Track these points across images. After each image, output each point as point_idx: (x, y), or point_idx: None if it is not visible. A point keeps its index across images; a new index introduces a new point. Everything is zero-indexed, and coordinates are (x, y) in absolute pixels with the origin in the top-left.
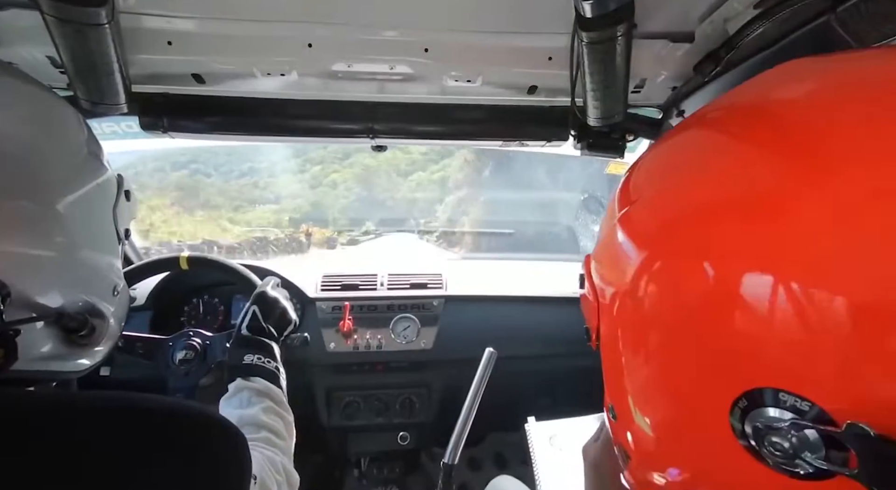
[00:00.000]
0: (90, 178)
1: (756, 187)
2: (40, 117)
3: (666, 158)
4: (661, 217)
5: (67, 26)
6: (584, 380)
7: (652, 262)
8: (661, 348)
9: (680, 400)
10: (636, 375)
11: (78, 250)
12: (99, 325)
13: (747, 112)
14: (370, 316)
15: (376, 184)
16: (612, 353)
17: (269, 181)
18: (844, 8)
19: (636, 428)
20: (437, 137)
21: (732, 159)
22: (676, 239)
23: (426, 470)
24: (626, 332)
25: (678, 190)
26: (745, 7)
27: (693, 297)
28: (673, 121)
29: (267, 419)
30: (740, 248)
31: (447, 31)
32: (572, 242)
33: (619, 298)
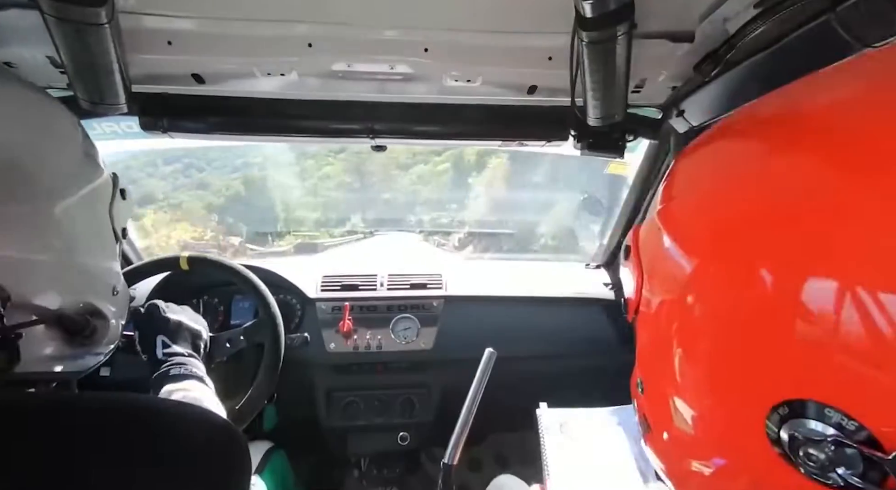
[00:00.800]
0: (86, 180)
1: (816, 191)
2: (36, 121)
3: (710, 160)
4: (709, 222)
5: (67, 26)
6: (584, 380)
7: (704, 269)
8: (712, 350)
9: (722, 398)
10: (681, 378)
11: (76, 252)
12: (100, 325)
13: (794, 115)
14: (370, 316)
15: (372, 178)
16: (656, 342)
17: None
18: (844, 8)
19: (675, 419)
20: (437, 137)
21: (784, 163)
22: (728, 245)
23: (426, 470)
24: (677, 333)
25: (726, 194)
26: (745, 7)
27: (750, 304)
28: (673, 121)
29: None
30: (800, 253)
31: (447, 31)
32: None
33: (668, 301)
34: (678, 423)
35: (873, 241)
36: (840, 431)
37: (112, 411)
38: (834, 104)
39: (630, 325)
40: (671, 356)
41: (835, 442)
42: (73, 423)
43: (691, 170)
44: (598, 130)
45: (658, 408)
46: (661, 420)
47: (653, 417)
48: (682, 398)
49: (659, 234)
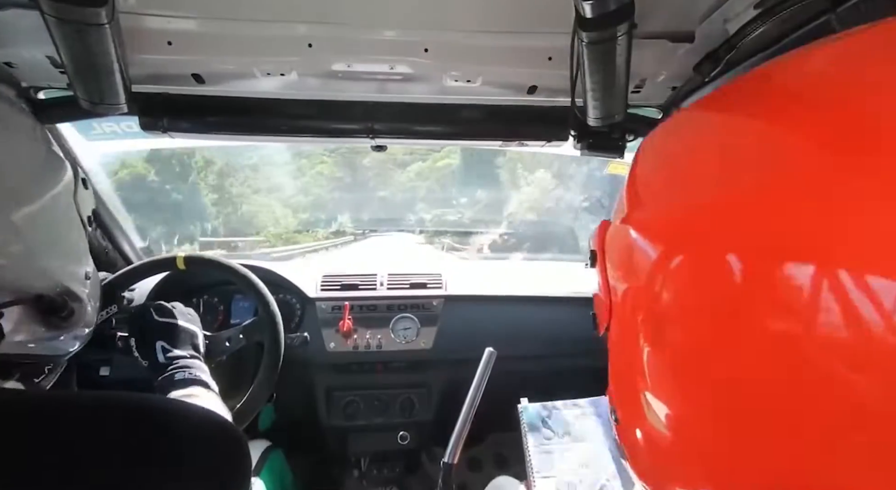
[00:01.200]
0: (52, 179)
1: (791, 170)
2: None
3: (673, 145)
4: (675, 207)
5: (67, 26)
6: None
7: (669, 257)
8: (682, 350)
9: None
10: (654, 382)
11: (44, 251)
12: (77, 307)
13: (775, 92)
14: (370, 316)
15: (368, 176)
16: (625, 349)
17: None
18: (844, 8)
19: (647, 425)
20: (437, 137)
21: (754, 142)
22: (694, 231)
23: (426, 470)
24: (644, 332)
25: (691, 177)
26: (745, 7)
27: (718, 294)
28: None
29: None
30: (772, 237)
31: (447, 31)
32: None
33: (634, 295)
34: (656, 453)
35: (858, 221)
36: None
37: (111, 410)
38: (813, 81)
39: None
40: (639, 381)
41: None
42: (73, 422)
43: (652, 157)
44: (598, 130)
45: (632, 437)
46: (638, 449)
47: (629, 448)
48: (656, 407)
49: (626, 230)
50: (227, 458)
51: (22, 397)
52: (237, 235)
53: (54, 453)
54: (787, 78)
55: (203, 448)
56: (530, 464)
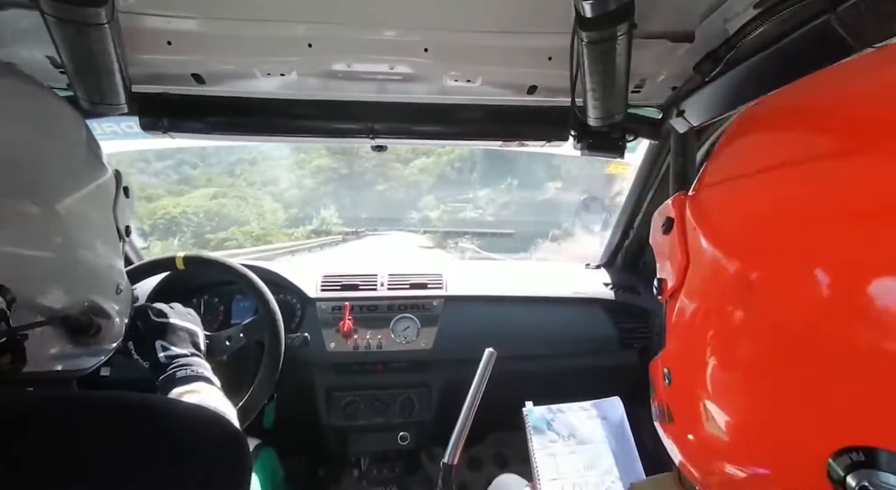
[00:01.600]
0: (90, 178)
1: (885, 187)
2: (40, 118)
3: (760, 147)
4: (754, 217)
5: (67, 26)
6: (584, 379)
7: (748, 270)
8: (757, 365)
9: (772, 423)
10: (719, 386)
11: (79, 251)
12: (105, 324)
13: (864, 106)
14: (370, 316)
15: (364, 170)
16: (690, 332)
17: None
18: (844, 8)
19: (707, 424)
20: (437, 137)
21: (849, 160)
22: (777, 244)
23: (426, 470)
24: (715, 335)
25: (776, 188)
26: (745, 7)
27: (801, 311)
28: (673, 121)
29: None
30: (866, 252)
31: (447, 31)
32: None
33: (707, 301)
34: (709, 428)
35: None
36: None
37: (112, 410)
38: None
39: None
40: (708, 360)
41: None
42: (73, 421)
43: (736, 153)
44: (598, 130)
45: (686, 405)
46: (688, 418)
47: (679, 412)
48: (718, 406)
49: (698, 220)
50: (227, 458)
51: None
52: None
53: (55, 453)
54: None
55: (203, 448)
56: (536, 467)
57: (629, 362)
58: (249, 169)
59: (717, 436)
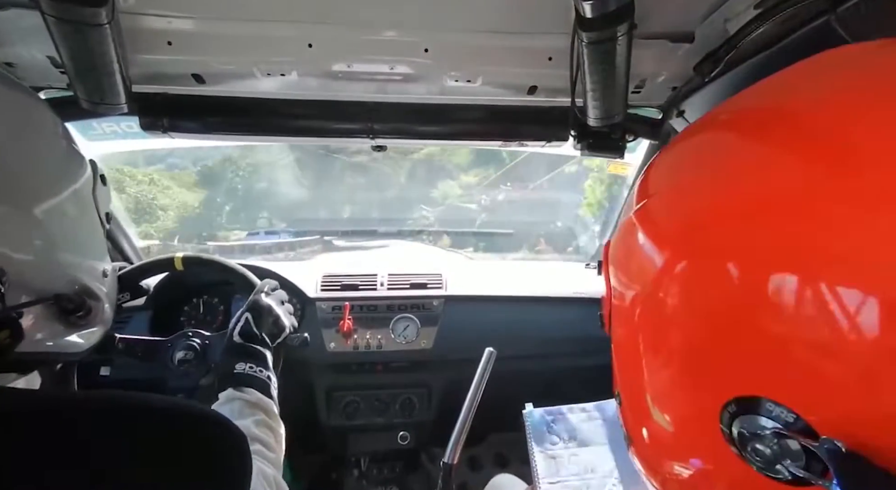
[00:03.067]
0: (70, 173)
1: (781, 187)
2: (18, 118)
3: (686, 156)
4: (682, 216)
5: (67, 26)
6: (584, 379)
7: (674, 262)
8: (681, 349)
9: (688, 395)
10: (655, 374)
11: (66, 245)
12: (94, 305)
13: (769, 112)
14: (370, 316)
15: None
16: (627, 346)
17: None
18: (844, 8)
19: (652, 422)
20: (437, 137)
21: (755, 159)
22: (699, 239)
23: (426, 470)
24: (646, 330)
25: (699, 189)
26: (745, 7)
27: (717, 298)
28: (673, 121)
29: (259, 432)
30: (766, 248)
31: (447, 31)
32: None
33: (639, 297)
34: (653, 427)
35: (837, 238)
36: (781, 424)
37: (111, 410)
38: (808, 100)
39: None
40: (641, 355)
41: (776, 434)
42: (73, 421)
43: (666, 166)
44: (598, 131)
45: (633, 419)
46: (636, 431)
47: (630, 429)
48: (655, 399)
49: (634, 231)
50: (228, 458)
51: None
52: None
53: (54, 453)
54: (789, 94)
55: (204, 447)
56: (536, 470)
57: None
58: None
59: (662, 433)
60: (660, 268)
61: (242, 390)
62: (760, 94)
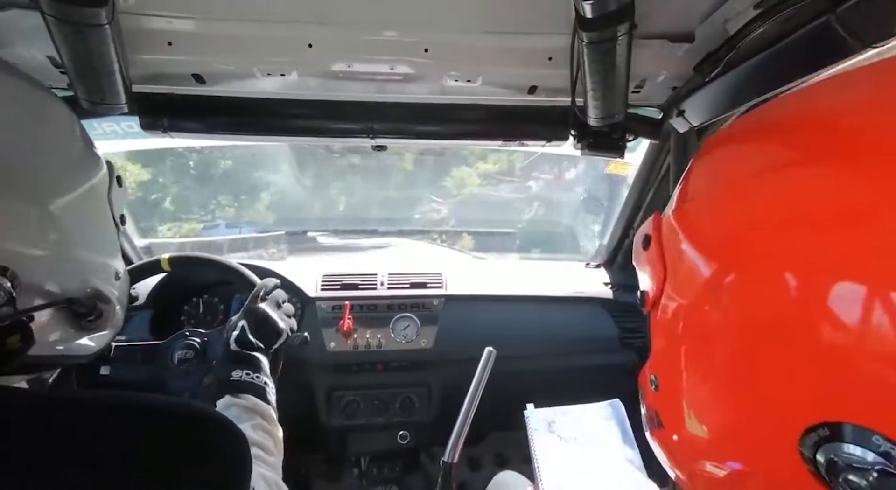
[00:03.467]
0: (86, 174)
1: (844, 197)
2: (35, 117)
3: (733, 162)
4: (729, 226)
5: (67, 26)
6: (584, 379)
7: (722, 274)
8: (731, 361)
9: (745, 410)
10: (699, 384)
11: (79, 244)
12: (105, 309)
13: (833, 117)
14: (370, 315)
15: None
16: (672, 337)
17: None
18: (844, 8)
19: (689, 423)
20: (437, 137)
21: (812, 171)
22: (750, 249)
23: (426, 469)
24: (694, 335)
25: (750, 198)
26: (745, 7)
27: (772, 310)
28: (673, 121)
29: (257, 436)
30: (829, 258)
31: (447, 32)
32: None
33: (682, 307)
34: (691, 427)
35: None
36: (888, 460)
37: (112, 410)
38: (864, 106)
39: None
40: (688, 360)
41: (881, 471)
42: (73, 421)
43: (709, 170)
44: (598, 130)
45: (673, 407)
46: (675, 420)
47: (667, 416)
48: (698, 404)
49: (676, 233)
50: (228, 456)
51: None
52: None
53: (54, 453)
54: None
55: (204, 446)
56: (538, 469)
57: (629, 362)
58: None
59: (700, 435)
60: (706, 278)
61: (239, 396)
62: (817, 96)
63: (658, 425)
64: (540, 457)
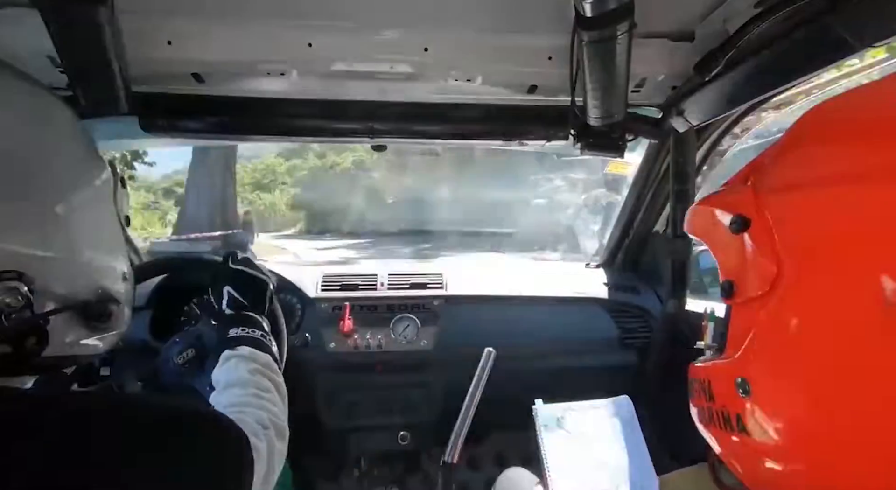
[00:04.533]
0: (90, 176)
1: None
2: (37, 119)
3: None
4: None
5: (67, 26)
6: (584, 379)
7: (840, 260)
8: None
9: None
10: (846, 400)
11: (89, 245)
12: (115, 310)
13: None
14: (370, 316)
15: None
16: (781, 342)
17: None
18: (844, 8)
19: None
20: (437, 137)
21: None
22: (880, 242)
23: (426, 470)
24: (838, 355)
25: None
26: (745, 7)
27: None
28: (673, 120)
29: (252, 377)
30: None
31: (447, 31)
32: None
33: (826, 321)
34: (804, 442)
35: None
36: None
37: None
38: None
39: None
40: (821, 375)
41: None
42: (73, 421)
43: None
44: (598, 130)
45: (775, 418)
46: (773, 430)
47: (759, 424)
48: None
49: (805, 221)
50: (228, 456)
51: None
52: None
53: (54, 453)
54: None
55: (203, 445)
56: (546, 464)
57: (629, 362)
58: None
59: (801, 459)
60: (859, 298)
61: (236, 349)
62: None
63: (740, 429)
64: (548, 452)
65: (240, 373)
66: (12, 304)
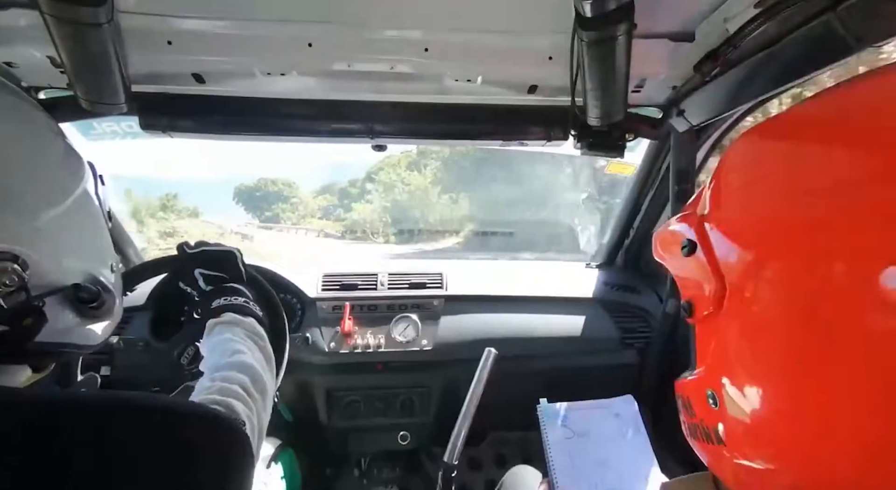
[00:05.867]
0: (73, 179)
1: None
2: (20, 119)
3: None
4: (765, 213)
5: (66, 26)
6: (584, 379)
7: (762, 262)
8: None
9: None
10: (799, 401)
11: (75, 234)
12: (107, 298)
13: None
14: (370, 316)
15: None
16: (746, 352)
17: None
18: (844, 7)
19: (757, 439)
20: (437, 137)
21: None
22: (791, 237)
23: (426, 470)
24: (772, 351)
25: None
26: (745, 6)
27: (820, 298)
28: (673, 120)
29: (235, 337)
30: (880, 244)
31: (447, 31)
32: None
33: (768, 327)
34: (769, 451)
35: None
36: None
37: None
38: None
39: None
40: (775, 381)
41: None
42: (74, 421)
43: (744, 159)
44: (598, 130)
45: (737, 424)
46: (742, 440)
47: (732, 434)
48: (773, 422)
49: (733, 240)
50: (229, 455)
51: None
52: None
53: (54, 452)
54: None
55: (204, 445)
56: (551, 463)
57: (629, 362)
58: None
59: (778, 459)
60: (746, 267)
61: (220, 316)
62: (845, 95)
63: (717, 441)
64: (553, 450)
65: (224, 337)
66: (8, 283)
